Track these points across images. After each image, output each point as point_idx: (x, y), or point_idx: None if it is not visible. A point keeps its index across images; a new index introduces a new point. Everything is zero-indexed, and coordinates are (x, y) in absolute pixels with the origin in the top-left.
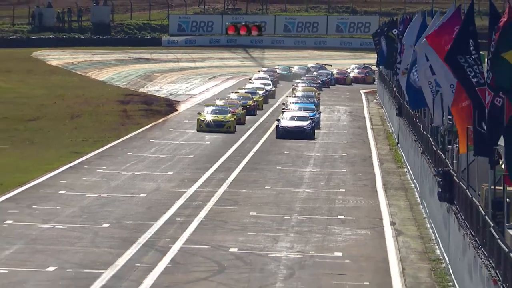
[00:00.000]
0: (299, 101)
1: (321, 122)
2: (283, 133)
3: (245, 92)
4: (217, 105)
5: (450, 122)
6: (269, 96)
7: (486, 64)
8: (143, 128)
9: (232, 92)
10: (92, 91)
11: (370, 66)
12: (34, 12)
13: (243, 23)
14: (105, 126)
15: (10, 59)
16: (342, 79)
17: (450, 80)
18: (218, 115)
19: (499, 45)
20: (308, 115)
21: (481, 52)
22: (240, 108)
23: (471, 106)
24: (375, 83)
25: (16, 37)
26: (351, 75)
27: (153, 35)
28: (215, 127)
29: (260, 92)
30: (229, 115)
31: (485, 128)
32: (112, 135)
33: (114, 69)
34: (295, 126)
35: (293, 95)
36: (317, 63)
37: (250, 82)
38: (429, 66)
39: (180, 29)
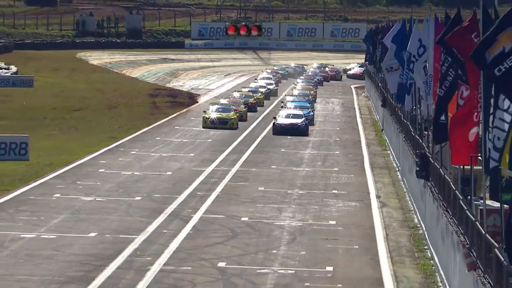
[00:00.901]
0: (296, 100)
1: (318, 113)
2: (279, 130)
3: (247, 91)
4: (221, 104)
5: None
6: (271, 94)
7: None
8: (169, 117)
9: (235, 91)
10: (126, 86)
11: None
12: (78, 20)
13: (243, 23)
14: (138, 116)
15: (58, 59)
16: (325, 77)
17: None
18: (222, 113)
19: None
20: (302, 113)
21: None
22: (242, 106)
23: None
24: (342, 79)
25: (63, 41)
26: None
27: (178, 39)
28: (219, 124)
29: (262, 90)
30: (232, 113)
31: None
32: (143, 123)
33: (145, 67)
34: (290, 123)
35: (292, 94)
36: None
37: (255, 81)
38: (423, 68)
39: (200, 34)
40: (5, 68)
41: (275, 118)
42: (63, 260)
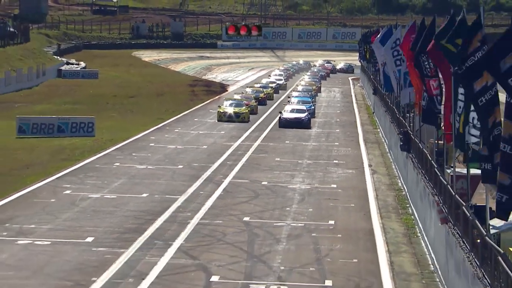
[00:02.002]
0: (300, 95)
1: (322, 99)
2: (285, 123)
3: (259, 87)
4: (234, 99)
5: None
6: (280, 88)
7: None
8: (205, 103)
9: (248, 87)
10: (171, 78)
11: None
12: (134, 25)
13: (243, 23)
14: (180, 101)
15: (117, 57)
16: (327, 72)
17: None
18: (235, 108)
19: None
20: (305, 108)
21: None
22: (253, 101)
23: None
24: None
25: (122, 42)
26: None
27: (211, 41)
28: (233, 117)
29: (272, 85)
30: (244, 107)
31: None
32: (184, 107)
33: (186, 63)
34: (295, 117)
35: (296, 89)
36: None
37: (268, 77)
38: (394, 61)
39: (229, 37)
40: (76, 64)
41: (281, 112)
42: (122, 215)
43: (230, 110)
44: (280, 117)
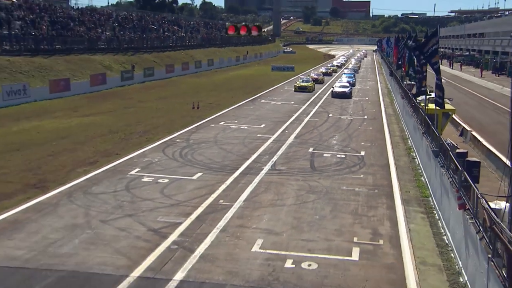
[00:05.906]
0: (348, 72)
1: (363, 62)
2: (335, 95)
3: (329, 66)
4: (305, 77)
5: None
6: (341, 66)
7: None
8: (327, 61)
9: (322, 67)
10: (317, 54)
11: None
12: (307, 36)
13: (243, 23)
14: (318, 61)
15: (301, 47)
16: (365, 55)
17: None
18: (304, 83)
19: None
20: (349, 84)
21: None
22: (321, 75)
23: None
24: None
25: (303, 42)
26: None
27: (330, 41)
28: (302, 89)
29: (338, 64)
30: (310, 83)
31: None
32: (321, 62)
33: (322, 49)
34: (341, 91)
35: (348, 67)
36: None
37: (336, 60)
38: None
39: (336, 40)
40: (289, 49)
41: (332, 87)
42: (283, 111)
43: (301, 84)
44: (332, 91)
